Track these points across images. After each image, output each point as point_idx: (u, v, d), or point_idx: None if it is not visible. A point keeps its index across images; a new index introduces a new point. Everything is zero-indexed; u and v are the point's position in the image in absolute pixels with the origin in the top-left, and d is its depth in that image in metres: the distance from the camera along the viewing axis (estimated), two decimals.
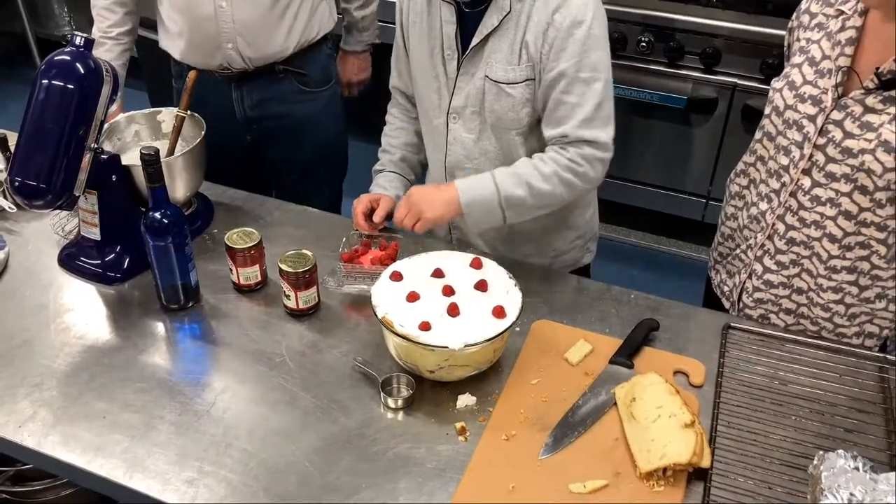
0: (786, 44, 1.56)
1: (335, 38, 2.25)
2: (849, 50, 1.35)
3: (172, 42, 2.05)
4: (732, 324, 1.52)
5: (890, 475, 1.13)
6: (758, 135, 1.54)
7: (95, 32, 2.03)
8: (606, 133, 1.55)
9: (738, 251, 1.63)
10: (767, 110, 1.50)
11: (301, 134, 2.18)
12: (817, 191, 1.42)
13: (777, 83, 1.48)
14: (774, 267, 1.53)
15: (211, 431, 1.32)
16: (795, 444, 1.28)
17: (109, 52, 2.02)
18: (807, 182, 1.43)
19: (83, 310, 1.58)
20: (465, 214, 1.57)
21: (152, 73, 3.37)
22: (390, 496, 1.21)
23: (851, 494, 1.10)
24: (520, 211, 1.58)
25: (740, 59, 2.72)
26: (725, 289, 1.67)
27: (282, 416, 1.35)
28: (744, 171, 1.59)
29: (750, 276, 1.57)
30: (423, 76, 1.67)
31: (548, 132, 1.57)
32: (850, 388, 1.39)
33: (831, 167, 1.39)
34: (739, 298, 1.62)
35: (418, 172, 1.88)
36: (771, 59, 2.64)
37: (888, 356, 1.45)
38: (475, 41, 1.56)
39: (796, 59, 1.46)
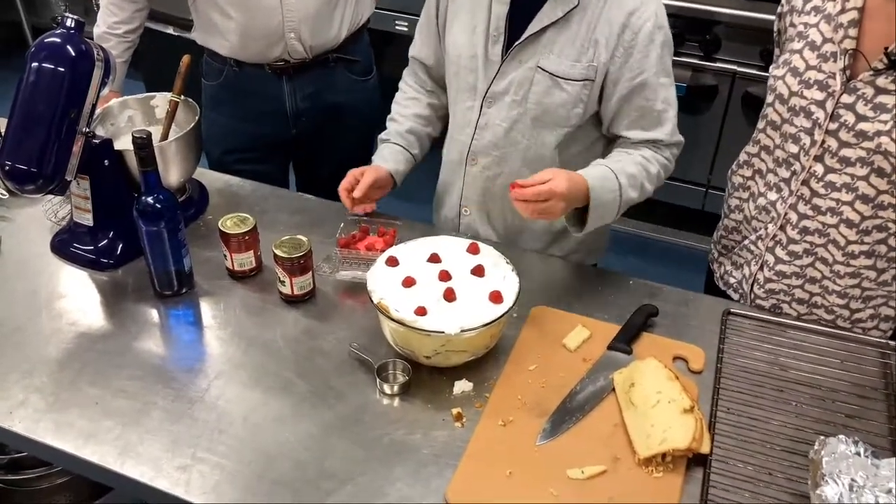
0: (776, 30, 1.54)
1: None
2: (853, 31, 1.33)
3: (219, 38, 1.99)
4: (732, 309, 1.51)
5: (892, 460, 1.12)
6: (761, 124, 1.52)
7: (100, 26, 1.99)
8: (679, 134, 1.61)
9: (745, 242, 1.61)
10: (770, 98, 1.47)
11: (347, 124, 2.16)
12: (831, 177, 1.40)
13: (777, 70, 1.46)
14: (787, 257, 1.51)
15: (204, 418, 1.30)
16: (796, 429, 1.27)
17: (113, 49, 1.95)
18: (819, 169, 1.41)
19: (76, 296, 1.56)
20: (590, 219, 1.49)
21: (150, 63, 3.36)
22: (386, 482, 1.20)
23: (853, 480, 1.08)
24: (622, 210, 1.55)
25: (740, 46, 2.69)
26: (732, 280, 1.65)
27: (276, 402, 1.33)
28: (747, 162, 1.57)
29: (761, 268, 1.55)
30: (459, 54, 1.62)
31: (633, 135, 1.57)
32: (851, 373, 1.37)
33: (845, 152, 1.37)
34: (751, 290, 1.59)
35: (426, 146, 1.82)
36: (771, 46, 2.61)
37: (890, 342, 1.43)
38: (533, 29, 1.51)
39: (795, 44, 1.43)
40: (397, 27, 3.05)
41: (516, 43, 1.53)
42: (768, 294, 1.57)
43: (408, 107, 1.80)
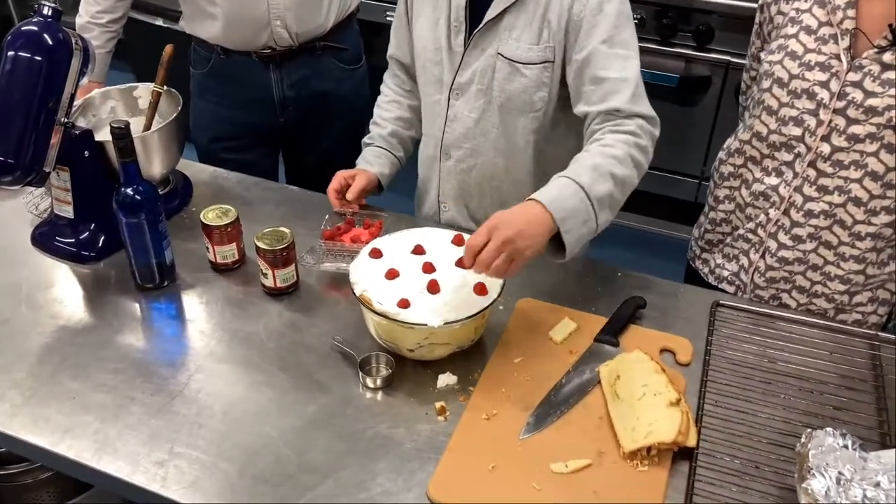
0: (758, 20, 1.53)
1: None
2: (851, 12, 1.35)
3: (206, 26, 1.98)
4: (721, 301, 1.49)
5: (880, 453, 1.10)
6: (755, 110, 1.50)
7: (82, 16, 1.97)
8: (649, 106, 1.46)
9: (740, 232, 1.59)
10: (766, 84, 1.46)
11: (336, 113, 2.14)
12: (839, 155, 1.40)
13: (772, 56, 1.45)
14: (790, 242, 1.50)
15: (184, 412, 1.28)
16: (784, 422, 1.25)
17: (96, 39, 1.93)
18: (826, 148, 1.41)
19: (57, 289, 1.54)
20: (563, 229, 1.29)
21: (139, 54, 3.34)
22: (368, 476, 1.18)
23: (840, 473, 1.07)
24: (610, 210, 1.37)
25: (734, 36, 2.67)
26: (725, 273, 1.63)
27: (258, 396, 1.31)
28: (738, 150, 1.55)
29: (763, 255, 1.54)
30: (425, 47, 1.61)
31: (594, 108, 1.44)
32: (840, 365, 1.36)
33: (854, 129, 1.37)
34: (752, 279, 1.58)
35: (409, 148, 1.81)
36: None
37: (880, 333, 1.42)
38: (490, 15, 1.49)
39: (789, 29, 1.43)
40: (388, 18, 3.02)
41: (475, 31, 1.51)
42: (769, 283, 1.55)
43: (389, 110, 1.79)
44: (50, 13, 1.41)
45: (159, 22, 3.25)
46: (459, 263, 1.37)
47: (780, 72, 1.43)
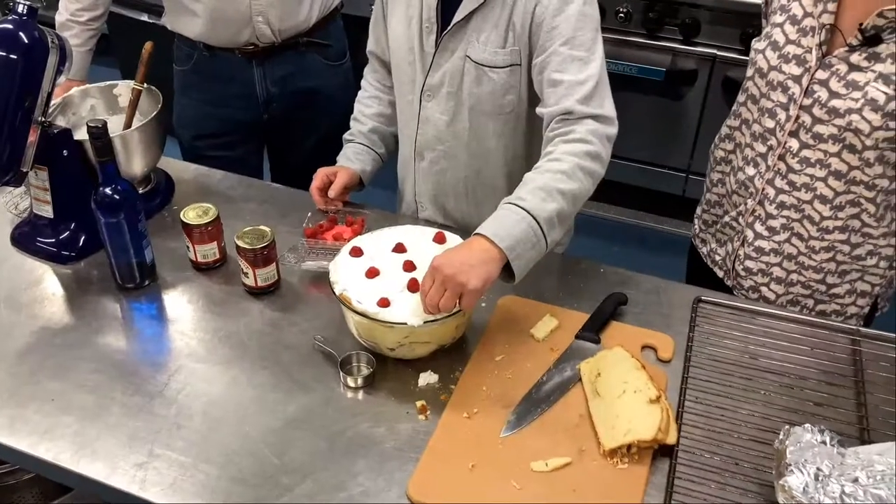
0: (763, 4, 1.52)
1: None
2: (832, 6, 1.32)
3: (188, 22, 1.96)
4: (703, 297, 1.49)
5: (858, 449, 1.11)
6: (741, 97, 1.51)
7: (62, 14, 1.94)
8: (611, 107, 1.42)
9: (727, 218, 1.60)
10: (750, 72, 1.47)
11: (321, 109, 2.13)
12: (806, 152, 1.39)
13: (759, 44, 1.45)
14: (766, 233, 1.51)
15: (163, 413, 1.27)
16: (764, 418, 1.25)
17: (76, 37, 1.92)
18: (794, 144, 1.40)
19: (37, 289, 1.53)
20: (511, 257, 1.27)
21: (125, 50, 3.31)
22: (348, 476, 1.18)
23: (818, 469, 1.07)
24: (560, 226, 1.34)
25: (720, 30, 2.66)
26: (717, 258, 1.65)
27: (238, 396, 1.31)
28: (728, 136, 1.56)
29: (742, 244, 1.54)
30: (399, 47, 1.60)
31: (548, 110, 1.42)
32: (821, 360, 1.36)
33: (818, 128, 1.36)
34: (733, 267, 1.58)
35: (391, 145, 1.80)
36: (751, 30, 2.58)
37: (861, 328, 1.42)
38: (458, 17, 1.47)
39: (777, 17, 1.42)
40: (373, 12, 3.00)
41: (444, 32, 1.50)
42: (747, 273, 1.56)
43: (370, 106, 1.78)
44: (25, 11, 1.39)
45: (145, 17, 3.23)
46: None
47: (761, 61, 1.43)
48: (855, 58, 1.30)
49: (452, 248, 1.31)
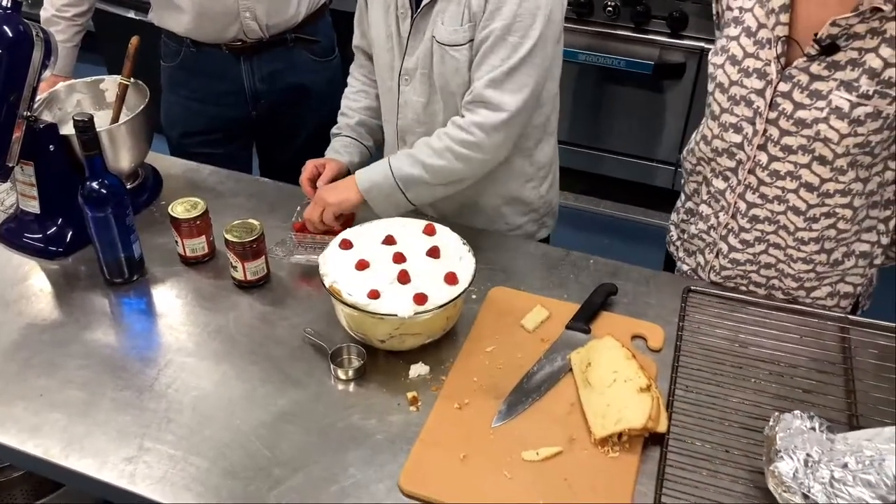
0: (714, 12, 1.48)
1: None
2: (784, 17, 1.29)
3: (175, 17, 1.94)
4: (693, 287, 1.49)
5: (847, 435, 1.11)
6: (706, 111, 1.48)
7: (47, 9, 1.93)
8: (513, 99, 1.44)
9: (694, 231, 1.57)
10: (710, 87, 1.43)
11: (309, 105, 2.12)
12: (775, 165, 1.37)
13: (716, 58, 1.41)
14: (739, 245, 1.49)
15: (153, 407, 1.27)
16: (754, 406, 1.26)
17: (62, 33, 1.91)
18: (763, 158, 1.38)
19: (24, 285, 1.52)
20: (367, 198, 1.53)
21: (112, 46, 3.29)
22: (339, 468, 1.18)
23: (808, 455, 1.07)
24: (420, 190, 1.52)
25: (707, 23, 2.67)
26: (686, 268, 1.62)
27: (229, 389, 1.30)
28: (692, 150, 1.53)
29: (717, 256, 1.53)
30: (378, 35, 1.61)
31: (466, 95, 1.49)
32: (810, 348, 1.36)
33: (787, 140, 1.34)
34: (708, 277, 1.56)
35: (378, 138, 1.80)
36: None
37: (850, 316, 1.43)
38: (426, 0, 1.49)
39: (731, 30, 1.38)
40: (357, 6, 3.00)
41: (414, 16, 1.52)
42: (725, 280, 1.54)
43: (357, 100, 1.78)
44: (10, 5, 1.38)
45: (131, 14, 3.21)
46: (431, 252, 1.37)
47: (721, 76, 1.39)
48: (815, 67, 1.28)
49: (338, 185, 1.57)
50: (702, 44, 2.69)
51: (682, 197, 1.66)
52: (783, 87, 1.31)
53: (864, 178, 1.36)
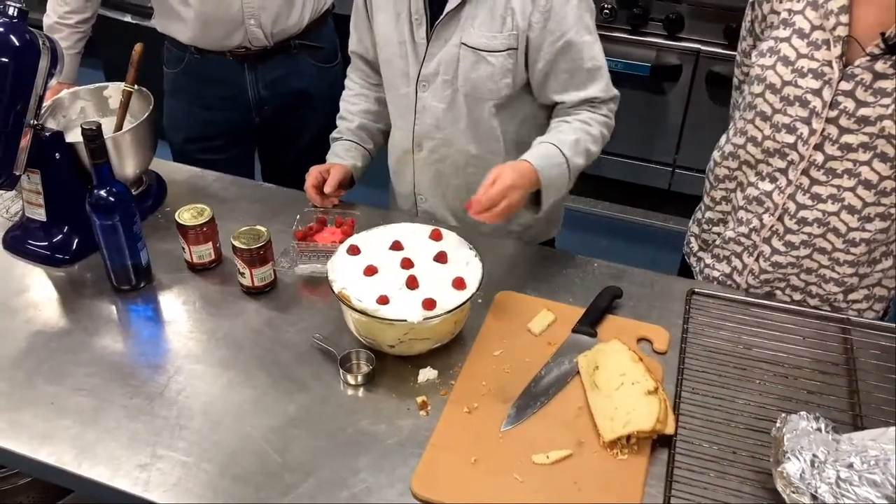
0: (750, 18, 1.50)
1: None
2: (844, 18, 1.32)
3: (179, 25, 1.95)
4: (696, 289, 1.50)
5: (852, 435, 1.13)
6: (748, 115, 1.47)
7: (50, 16, 1.93)
8: (614, 87, 1.60)
9: (732, 235, 1.57)
10: (758, 89, 1.43)
11: (312, 111, 2.12)
12: (832, 164, 1.39)
13: (763, 59, 1.42)
14: (783, 248, 1.49)
15: (164, 414, 1.27)
16: (759, 407, 1.27)
17: (65, 40, 1.91)
18: (819, 157, 1.39)
19: (31, 294, 1.52)
20: (546, 196, 1.48)
21: (110, 52, 3.29)
22: (350, 473, 1.19)
23: (814, 455, 1.09)
24: (574, 179, 1.55)
25: (703, 25, 2.70)
26: (716, 274, 1.62)
27: (238, 396, 1.31)
28: (733, 154, 1.53)
29: (757, 259, 1.53)
30: (388, 42, 1.61)
31: (568, 98, 1.56)
32: (813, 350, 1.38)
33: (847, 138, 1.36)
34: (746, 281, 1.57)
35: (379, 141, 1.81)
36: (734, 24, 2.61)
37: (851, 317, 1.44)
38: (451, 5, 1.50)
39: (781, 32, 1.40)
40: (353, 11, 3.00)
41: (437, 22, 1.52)
42: (763, 283, 1.55)
43: (356, 104, 1.78)
44: (16, 14, 1.38)
45: (128, 18, 3.21)
46: (438, 257, 1.38)
47: (772, 77, 1.40)
48: (879, 66, 1.30)
49: (506, 164, 1.45)
50: (698, 45, 2.72)
51: (703, 206, 1.66)
52: (845, 85, 1.33)
53: None
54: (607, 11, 2.73)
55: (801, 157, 1.41)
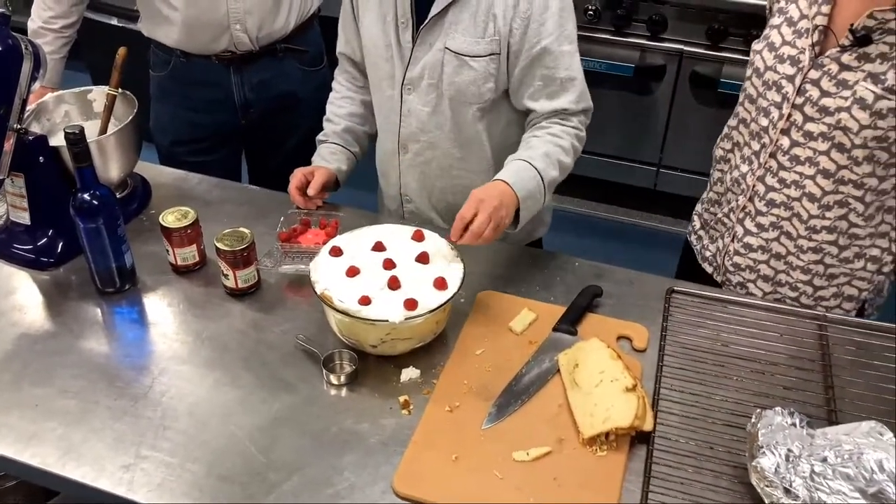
0: (767, 6, 1.55)
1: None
2: (825, 8, 1.36)
3: (165, 29, 1.96)
4: (675, 288, 1.53)
5: (826, 430, 1.15)
6: (741, 97, 1.54)
7: (35, 21, 1.93)
8: (590, 99, 1.61)
9: (719, 214, 1.63)
10: (748, 73, 1.50)
11: (298, 114, 2.13)
12: (796, 150, 1.43)
13: (757, 45, 1.48)
14: (754, 229, 1.54)
15: (148, 415, 1.29)
16: (736, 403, 1.29)
17: (49, 45, 1.91)
18: (786, 142, 1.43)
19: (16, 296, 1.53)
20: (522, 210, 1.48)
21: (95, 55, 3.29)
22: (334, 472, 1.20)
23: (789, 450, 1.11)
24: (550, 192, 1.55)
25: (686, 26, 2.72)
26: (708, 254, 1.68)
27: (223, 396, 1.32)
28: (727, 135, 1.59)
29: (732, 239, 1.58)
30: (375, 45, 1.63)
31: (539, 106, 1.57)
32: (789, 346, 1.40)
33: (809, 126, 1.40)
34: (723, 262, 1.62)
35: (364, 144, 1.83)
36: (717, 25, 2.64)
37: (827, 314, 1.47)
38: (435, 10, 1.51)
39: (775, 19, 1.46)
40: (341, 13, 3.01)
41: (422, 26, 1.54)
42: (736, 268, 1.59)
43: (342, 106, 1.80)
44: None
45: (114, 22, 3.21)
46: (420, 258, 1.40)
47: (758, 61, 1.46)
48: (846, 58, 1.34)
49: (485, 187, 1.45)
50: (681, 46, 2.74)
51: (708, 185, 1.71)
52: (813, 74, 1.37)
53: (881, 177, 1.41)
54: (591, 12, 2.75)
55: (770, 141, 1.45)
